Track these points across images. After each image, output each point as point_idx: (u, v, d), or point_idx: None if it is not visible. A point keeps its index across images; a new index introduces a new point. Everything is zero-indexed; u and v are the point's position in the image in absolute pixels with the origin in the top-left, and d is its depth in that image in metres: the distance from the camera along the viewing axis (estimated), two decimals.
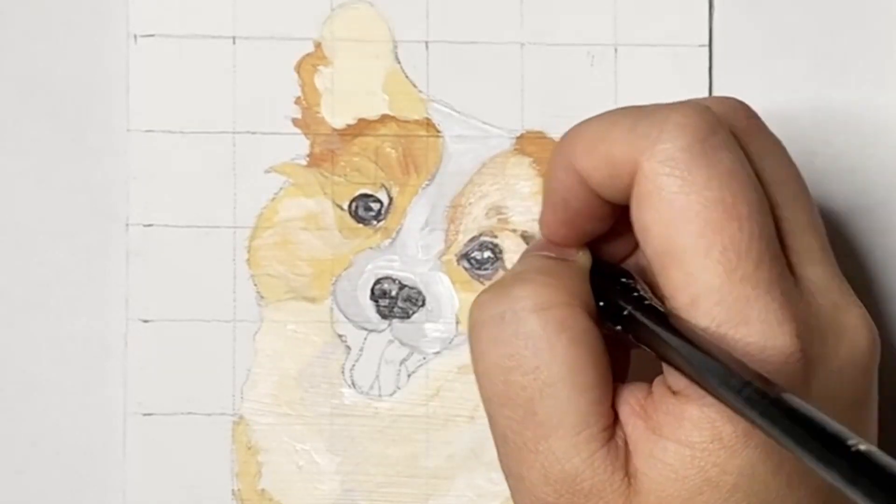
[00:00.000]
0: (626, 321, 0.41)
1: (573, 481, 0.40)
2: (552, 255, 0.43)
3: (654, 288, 0.41)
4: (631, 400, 0.41)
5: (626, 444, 0.40)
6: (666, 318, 0.40)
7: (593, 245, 0.44)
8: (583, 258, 0.43)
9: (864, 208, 0.52)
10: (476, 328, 0.42)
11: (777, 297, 0.39)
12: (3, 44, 0.51)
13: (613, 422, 0.41)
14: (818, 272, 0.41)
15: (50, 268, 0.51)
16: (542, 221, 0.44)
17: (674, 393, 0.40)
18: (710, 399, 0.38)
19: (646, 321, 0.40)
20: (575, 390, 0.40)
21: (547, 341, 0.40)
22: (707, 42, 0.51)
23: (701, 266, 0.39)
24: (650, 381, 0.41)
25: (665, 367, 0.41)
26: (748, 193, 0.39)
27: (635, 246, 0.43)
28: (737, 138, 0.41)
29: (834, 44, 0.51)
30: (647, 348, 0.40)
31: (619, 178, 0.40)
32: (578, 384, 0.40)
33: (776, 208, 0.41)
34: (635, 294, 0.41)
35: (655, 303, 0.40)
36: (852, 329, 0.41)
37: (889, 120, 0.51)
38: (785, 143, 0.48)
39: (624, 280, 0.42)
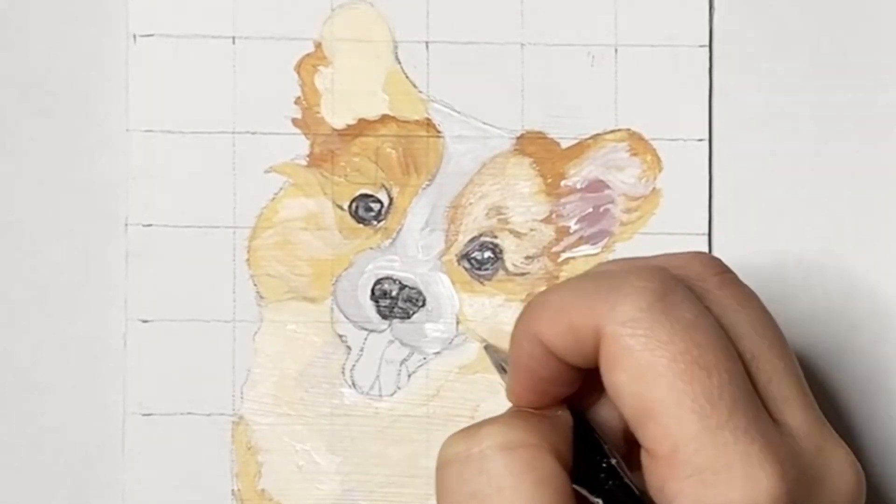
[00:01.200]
0: (606, 495, 0.41)
1: None
2: (531, 410, 0.43)
3: (631, 443, 0.41)
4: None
5: None
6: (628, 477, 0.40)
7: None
8: (563, 415, 0.43)
9: (864, 209, 0.52)
10: (442, 466, 0.41)
11: (757, 440, 0.39)
12: (3, 44, 0.51)
13: None
14: (798, 417, 0.41)
15: (50, 268, 0.51)
16: (509, 391, 0.43)
17: None
18: None
19: (613, 481, 0.40)
20: None
21: (512, 481, 0.40)
22: (707, 42, 0.51)
23: (675, 417, 0.39)
24: None
25: None
26: (713, 342, 0.40)
27: (602, 392, 0.43)
28: (708, 293, 0.41)
29: (834, 44, 0.51)
30: None
31: (583, 345, 0.40)
32: None
33: (753, 360, 0.41)
34: (616, 472, 0.41)
35: (633, 485, 0.40)
36: (838, 471, 0.41)
37: (889, 120, 0.51)
38: (784, 143, 0.49)
39: (605, 460, 0.42)
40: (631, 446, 0.41)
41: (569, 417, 0.43)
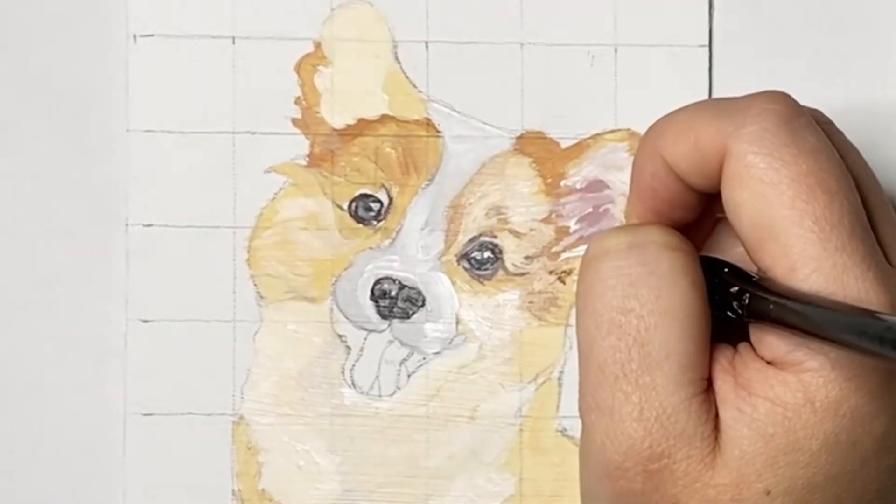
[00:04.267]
0: (741, 300, 0.42)
1: (667, 420, 0.41)
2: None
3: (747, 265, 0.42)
4: (720, 358, 0.42)
5: (715, 397, 0.41)
6: (780, 290, 0.40)
7: None
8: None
9: None
10: (597, 257, 0.42)
11: (872, 268, 0.40)
12: (3, 44, 0.51)
13: (710, 375, 0.42)
14: None
15: (50, 268, 0.51)
16: (628, 213, 0.45)
17: (763, 360, 0.41)
18: (807, 363, 0.40)
19: (765, 295, 0.41)
20: (688, 331, 0.41)
21: (671, 278, 0.41)
22: (707, 42, 0.51)
23: (795, 236, 0.40)
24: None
25: (754, 337, 0.41)
26: (835, 169, 0.41)
27: (708, 235, 0.44)
28: (824, 126, 0.42)
29: (834, 44, 0.51)
30: (766, 323, 0.41)
31: (707, 164, 0.41)
32: (692, 326, 0.41)
33: (867, 198, 0.42)
34: (739, 275, 0.42)
35: (766, 281, 0.41)
36: None
37: (889, 120, 0.51)
38: None
39: (728, 265, 0.43)
40: None
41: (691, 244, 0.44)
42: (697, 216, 0.44)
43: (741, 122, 0.41)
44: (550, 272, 0.51)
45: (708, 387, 0.41)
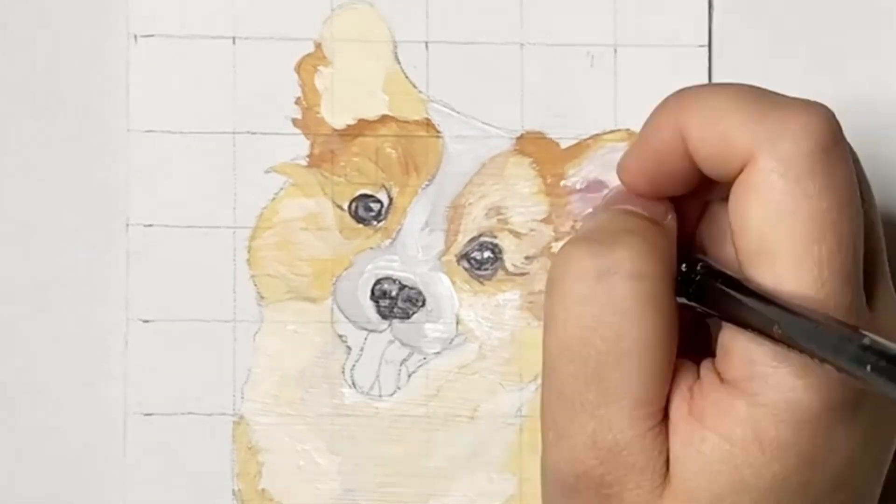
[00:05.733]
0: (702, 292, 0.41)
1: (620, 453, 0.40)
2: (643, 212, 0.43)
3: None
4: (681, 382, 0.41)
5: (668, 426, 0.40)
6: (746, 287, 0.39)
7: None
8: (671, 223, 0.43)
9: None
10: (565, 280, 0.41)
11: (853, 317, 0.39)
12: (3, 44, 0.51)
13: (667, 401, 0.41)
14: (886, 293, 0.41)
15: (50, 268, 0.51)
16: (623, 166, 0.43)
17: (722, 381, 0.40)
18: (761, 397, 0.38)
19: (727, 289, 0.40)
20: (648, 366, 0.40)
21: (636, 314, 0.40)
22: (707, 42, 0.51)
23: (793, 271, 0.38)
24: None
25: (720, 350, 0.40)
26: (852, 211, 0.39)
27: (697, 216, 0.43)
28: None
29: (834, 44, 0.51)
30: (723, 319, 0.40)
31: (728, 161, 0.40)
32: (653, 360, 0.40)
33: (870, 229, 0.41)
34: (707, 266, 0.41)
35: (735, 274, 0.40)
36: None
37: (889, 120, 0.51)
38: None
39: (698, 256, 0.42)
40: None
41: (675, 223, 0.42)
42: (688, 193, 0.43)
43: (777, 134, 0.39)
44: None
45: (664, 416, 0.40)
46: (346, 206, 0.51)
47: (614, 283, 0.40)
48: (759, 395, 0.39)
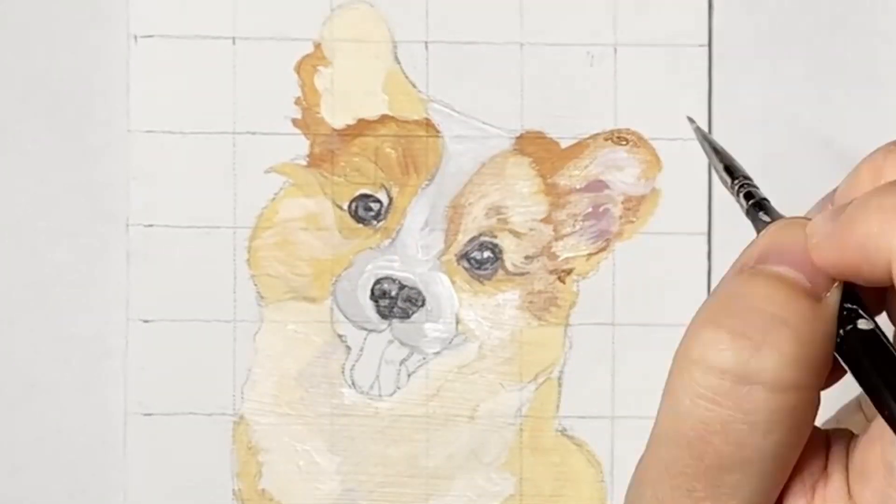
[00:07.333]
0: (856, 356, 0.36)
1: None
2: (805, 282, 0.37)
3: None
4: (804, 471, 0.37)
5: None
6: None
7: None
8: (834, 296, 0.37)
9: None
10: (698, 366, 0.37)
11: None
12: (3, 44, 0.51)
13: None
14: None
15: (50, 268, 0.51)
16: (818, 246, 0.37)
17: (850, 496, 0.36)
18: None
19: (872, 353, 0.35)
20: (769, 475, 0.37)
21: (766, 428, 0.36)
22: (707, 42, 0.51)
23: None
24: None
25: (858, 466, 0.36)
26: None
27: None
28: None
29: (834, 44, 0.51)
30: (875, 404, 0.35)
31: None
32: (773, 471, 0.37)
33: None
34: (863, 324, 0.36)
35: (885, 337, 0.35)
36: None
37: (888, 119, 0.51)
38: (785, 143, 0.49)
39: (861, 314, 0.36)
40: None
41: (838, 300, 0.36)
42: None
43: None
44: (550, 272, 0.51)
45: None
46: (345, 206, 0.51)
47: (753, 393, 0.36)
48: None
